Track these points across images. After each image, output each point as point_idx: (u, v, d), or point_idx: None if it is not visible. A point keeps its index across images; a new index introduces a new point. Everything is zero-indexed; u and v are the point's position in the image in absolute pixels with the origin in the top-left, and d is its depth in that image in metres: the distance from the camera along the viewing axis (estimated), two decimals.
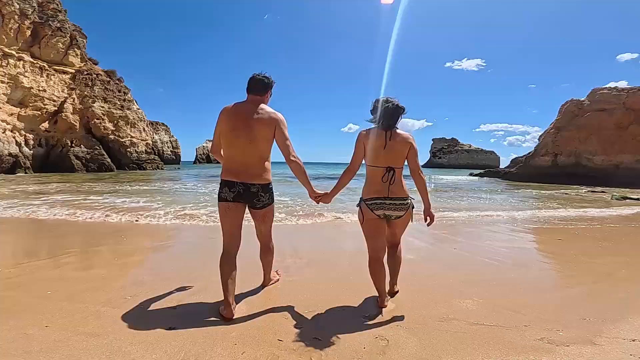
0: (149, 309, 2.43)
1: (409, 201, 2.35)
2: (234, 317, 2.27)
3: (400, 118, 2.32)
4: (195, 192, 13.19)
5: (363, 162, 2.42)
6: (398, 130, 2.32)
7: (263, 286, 2.92)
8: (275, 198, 2.55)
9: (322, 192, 2.50)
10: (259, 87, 2.35)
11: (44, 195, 10.43)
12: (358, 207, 2.43)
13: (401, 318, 2.34)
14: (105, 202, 8.85)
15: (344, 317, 2.35)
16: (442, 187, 20.11)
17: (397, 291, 2.67)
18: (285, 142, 2.30)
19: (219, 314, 2.31)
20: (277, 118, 2.29)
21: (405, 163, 2.39)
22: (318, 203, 2.53)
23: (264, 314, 2.39)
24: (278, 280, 3.04)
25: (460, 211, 8.46)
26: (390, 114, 2.27)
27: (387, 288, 2.58)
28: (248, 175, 2.29)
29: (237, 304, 2.47)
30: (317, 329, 2.16)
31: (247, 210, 2.44)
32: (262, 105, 2.33)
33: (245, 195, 2.30)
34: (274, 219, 2.68)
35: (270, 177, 2.41)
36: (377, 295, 2.53)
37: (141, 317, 2.29)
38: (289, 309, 2.48)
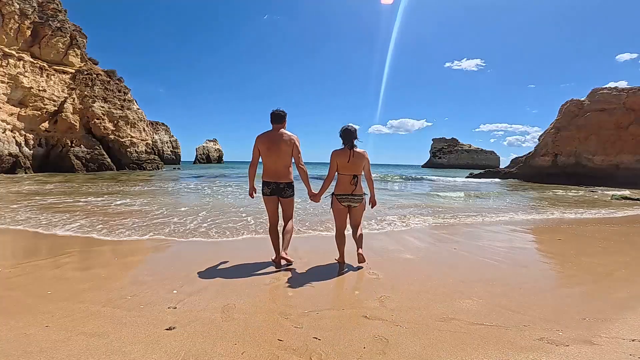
0: (148, 309, 2.43)
1: (364, 196, 3.46)
2: (281, 264, 3.48)
3: (355, 137, 3.35)
4: (199, 192, 13.19)
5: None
6: (357, 149, 3.34)
7: (275, 261, 3.53)
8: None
9: (315, 192, 3.49)
10: (279, 119, 3.44)
11: (47, 197, 10.43)
12: (331, 197, 3.51)
13: (401, 318, 2.34)
14: (112, 207, 8.83)
15: (343, 317, 2.36)
16: (454, 189, 20.00)
17: (361, 254, 3.34)
18: (298, 155, 3.42)
19: (272, 260, 3.58)
20: (294, 138, 3.40)
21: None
22: (311, 200, 3.53)
23: (264, 314, 2.39)
24: (291, 263, 3.53)
25: (465, 213, 8.46)
26: (348, 136, 3.33)
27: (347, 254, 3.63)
28: (277, 177, 3.43)
29: (236, 304, 2.52)
30: (317, 329, 2.16)
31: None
32: (283, 131, 3.42)
33: (277, 190, 3.45)
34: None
35: (292, 178, 3.51)
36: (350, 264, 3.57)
37: (141, 317, 2.29)
38: (289, 309, 2.48)
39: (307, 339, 2.03)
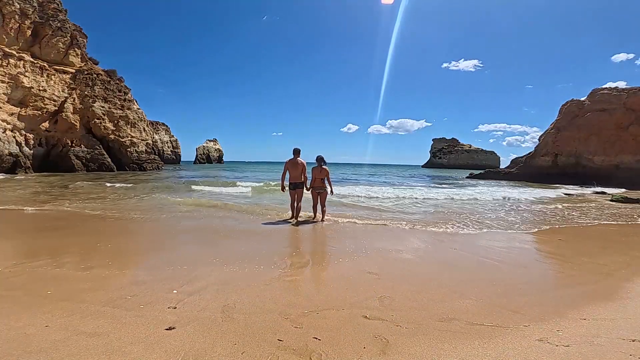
0: (148, 309, 2.43)
1: (324, 188, 6.77)
2: (294, 221, 6.47)
3: (323, 162, 6.83)
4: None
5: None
6: (322, 166, 6.78)
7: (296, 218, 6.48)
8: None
9: (309, 187, 6.86)
10: (296, 152, 6.84)
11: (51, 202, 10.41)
12: (310, 190, 6.84)
13: (401, 318, 2.34)
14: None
15: (344, 317, 2.35)
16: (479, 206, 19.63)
17: (322, 217, 6.66)
18: (305, 171, 6.86)
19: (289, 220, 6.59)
20: (304, 164, 6.86)
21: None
22: (307, 191, 6.88)
23: (264, 314, 2.39)
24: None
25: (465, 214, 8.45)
26: (319, 161, 6.83)
27: (321, 216, 6.71)
28: (297, 180, 6.76)
29: (236, 304, 2.54)
30: (317, 329, 2.16)
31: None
32: (299, 159, 6.84)
33: (297, 186, 6.75)
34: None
35: (303, 180, 6.82)
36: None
37: (141, 317, 2.29)
38: (289, 309, 2.48)
39: (307, 339, 2.03)
